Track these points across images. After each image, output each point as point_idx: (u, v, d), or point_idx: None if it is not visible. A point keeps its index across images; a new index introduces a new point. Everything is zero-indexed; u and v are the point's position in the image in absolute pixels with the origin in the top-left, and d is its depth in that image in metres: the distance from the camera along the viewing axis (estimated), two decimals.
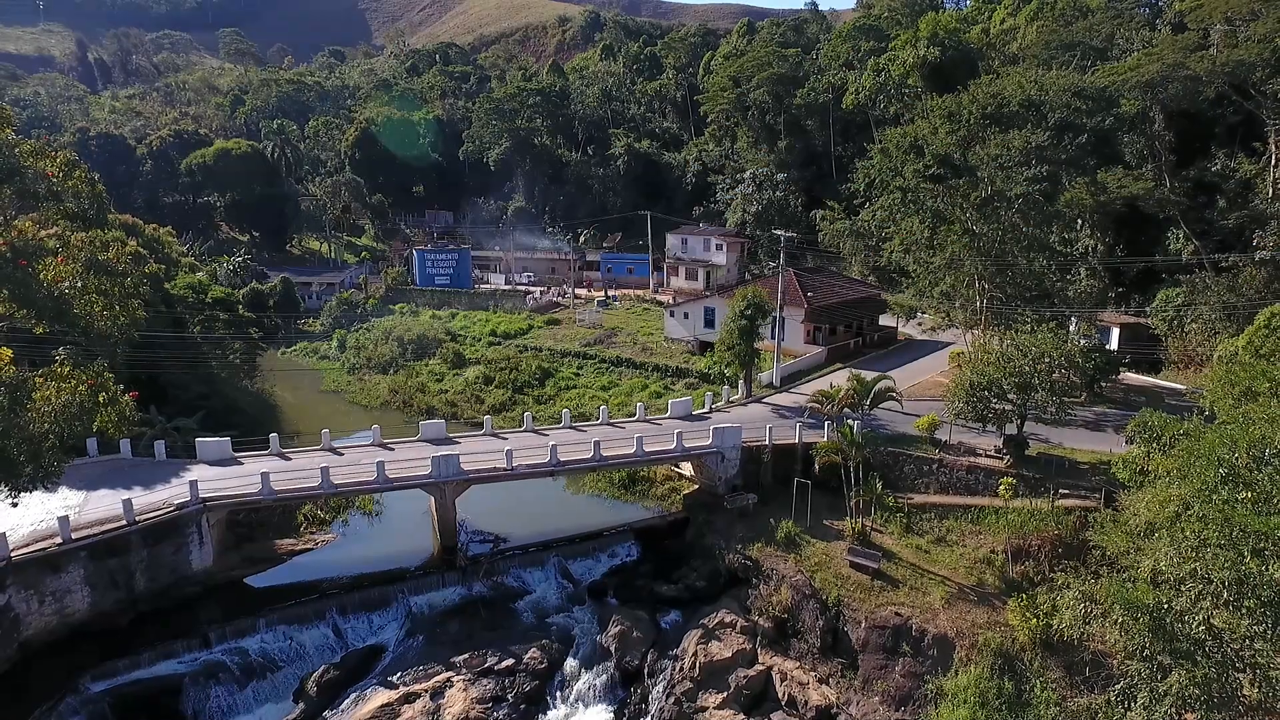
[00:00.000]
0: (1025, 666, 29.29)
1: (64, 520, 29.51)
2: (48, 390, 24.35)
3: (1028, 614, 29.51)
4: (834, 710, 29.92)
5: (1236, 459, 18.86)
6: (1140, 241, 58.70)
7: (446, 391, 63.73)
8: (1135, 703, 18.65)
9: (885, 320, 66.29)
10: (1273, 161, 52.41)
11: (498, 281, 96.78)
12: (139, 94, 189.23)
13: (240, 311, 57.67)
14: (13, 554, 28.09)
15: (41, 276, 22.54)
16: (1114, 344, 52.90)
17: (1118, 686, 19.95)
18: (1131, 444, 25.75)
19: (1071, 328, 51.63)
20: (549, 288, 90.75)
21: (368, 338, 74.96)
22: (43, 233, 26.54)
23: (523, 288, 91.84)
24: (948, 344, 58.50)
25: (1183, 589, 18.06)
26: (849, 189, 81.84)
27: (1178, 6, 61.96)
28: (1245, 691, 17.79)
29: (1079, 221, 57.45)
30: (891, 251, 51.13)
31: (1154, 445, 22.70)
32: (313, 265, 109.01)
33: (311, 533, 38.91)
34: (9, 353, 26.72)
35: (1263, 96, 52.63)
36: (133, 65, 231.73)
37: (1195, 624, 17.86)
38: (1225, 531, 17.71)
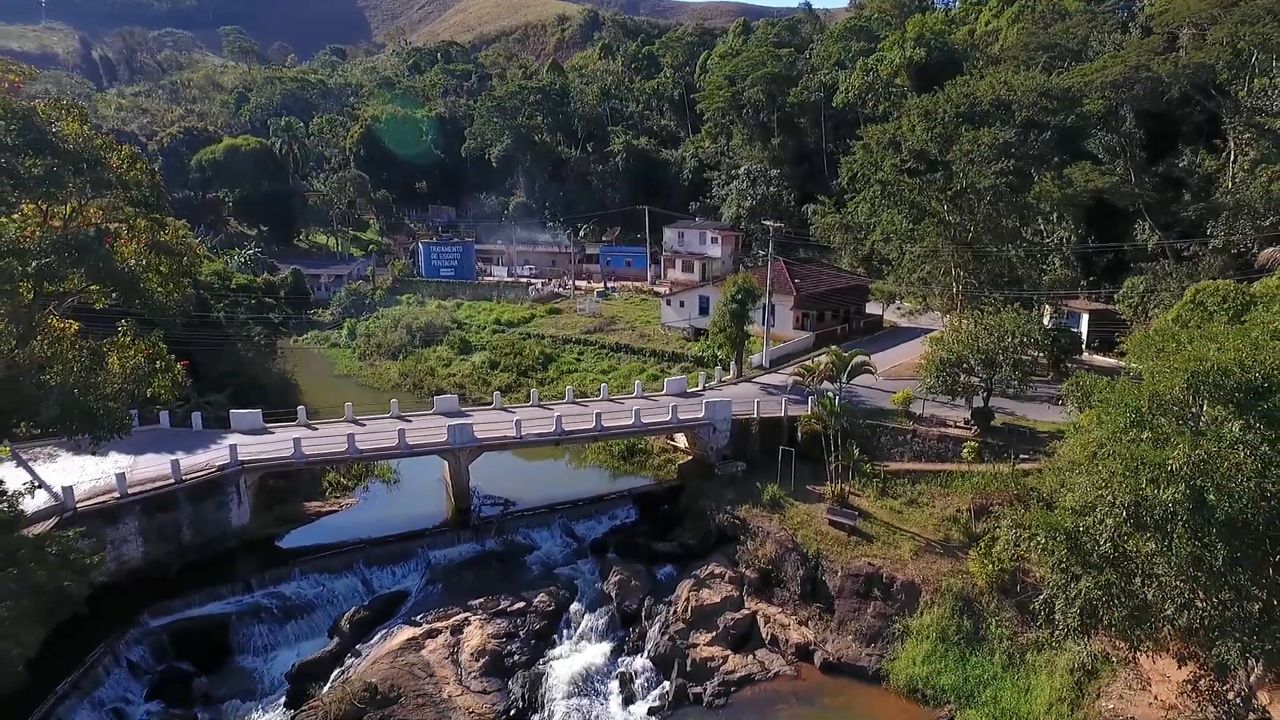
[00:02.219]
0: (982, 608, 32.75)
1: (121, 476, 32.85)
2: (116, 356, 27.80)
3: (985, 561, 32.95)
4: (812, 647, 33.36)
5: (1141, 406, 22.29)
6: (1111, 233, 62.12)
7: (454, 375, 67.12)
8: (1054, 608, 22.09)
9: (872, 308, 69.78)
10: (1232, 158, 55.83)
11: (500, 274, 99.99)
12: (145, 91, 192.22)
13: (262, 298, 60.84)
14: (78, 505, 31.41)
15: (116, 254, 25.83)
16: (1084, 329, 56.37)
17: (1041, 597, 23.40)
18: (1066, 403, 29.16)
19: (1046, 313, 55.28)
20: (550, 280, 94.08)
21: (377, 326, 78.28)
22: (99, 215, 29.90)
23: (524, 280, 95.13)
24: (929, 329, 61.88)
25: (1093, 513, 21.47)
26: (839, 184, 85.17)
27: (1148, 10, 65.39)
28: (1144, 595, 21.24)
29: (1055, 214, 60.93)
30: (874, 241, 54.47)
31: (1084, 401, 26.14)
32: (320, 259, 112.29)
33: (336, 497, 42.31)
34: (76, 325, 30.27)
35: (1223, 97, 56.07)
36: (137, 63, 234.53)
37: (1103, 541, 21.27)
38: (1129, 464, 21.13)
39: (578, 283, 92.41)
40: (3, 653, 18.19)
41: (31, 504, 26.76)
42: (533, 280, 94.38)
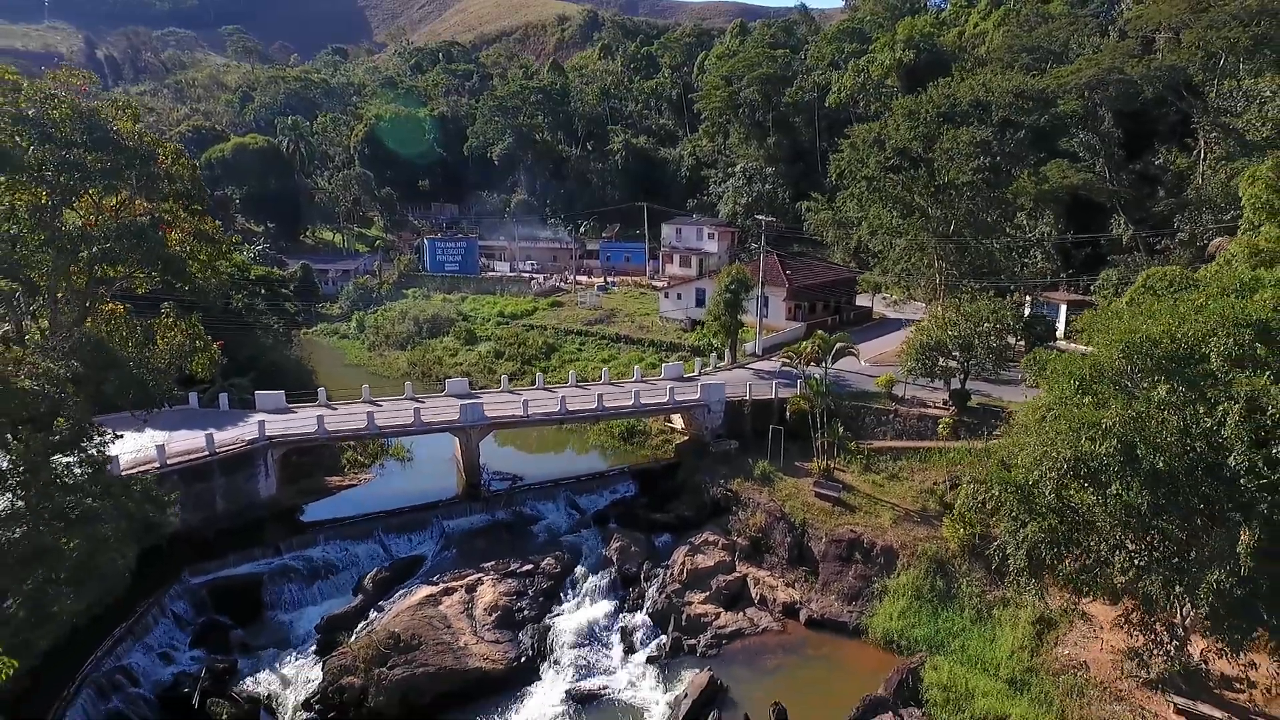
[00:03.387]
0: (954, 569, 35.61)
1: (160, 448, 35.55)
2: (161, 336, 30.60)
3: (957, 526, 35.80)
4: (798, 606, 36.19)
5: (1084, 375, 25.15)
6: (1090, 227, 64.99)
7: (461, 364, 69.87)
8: (1006, 551, 24.93)
9: (862, 301, 72.66)
10: (1202, 156, 58.70)
11: (503, 269, 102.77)
12: (150, 91, 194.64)
13: (278, 289, 63.63)
14: (123, 473, 34.13)
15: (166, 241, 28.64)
16: (1062, 318, 59.21)
17: (995, 544, 26.24)
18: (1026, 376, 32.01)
19: (1027, 304, 58.14)
20: (551, 275, 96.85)
21: (385, 318, 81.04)
22: (143, 206, 32.70)
23: (526, 275, 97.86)
24: (915, 320, 64.66)
25: (1039, 467, 24.30)
26: (831, 182, 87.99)
27: (1126, 15, 68.26)
28: (1084, 540, 24.10)
29: (1036, 209, 63.74)
30: (859, 235, 57.31)
31: (1039, 373, 28.99)
32: (326, 254, 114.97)
33: (354, 473, 45.10)
34: (124, 307, 33.12)
35: (1194, 97, 58.93)
36: (142, 63, 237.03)
37: (1048, 492, 24.13)
38: (1071, 425, 23.99)
39: (578, 278, 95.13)
40: (113, 563, 21.13)
41: None
42: (535, 275, 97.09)
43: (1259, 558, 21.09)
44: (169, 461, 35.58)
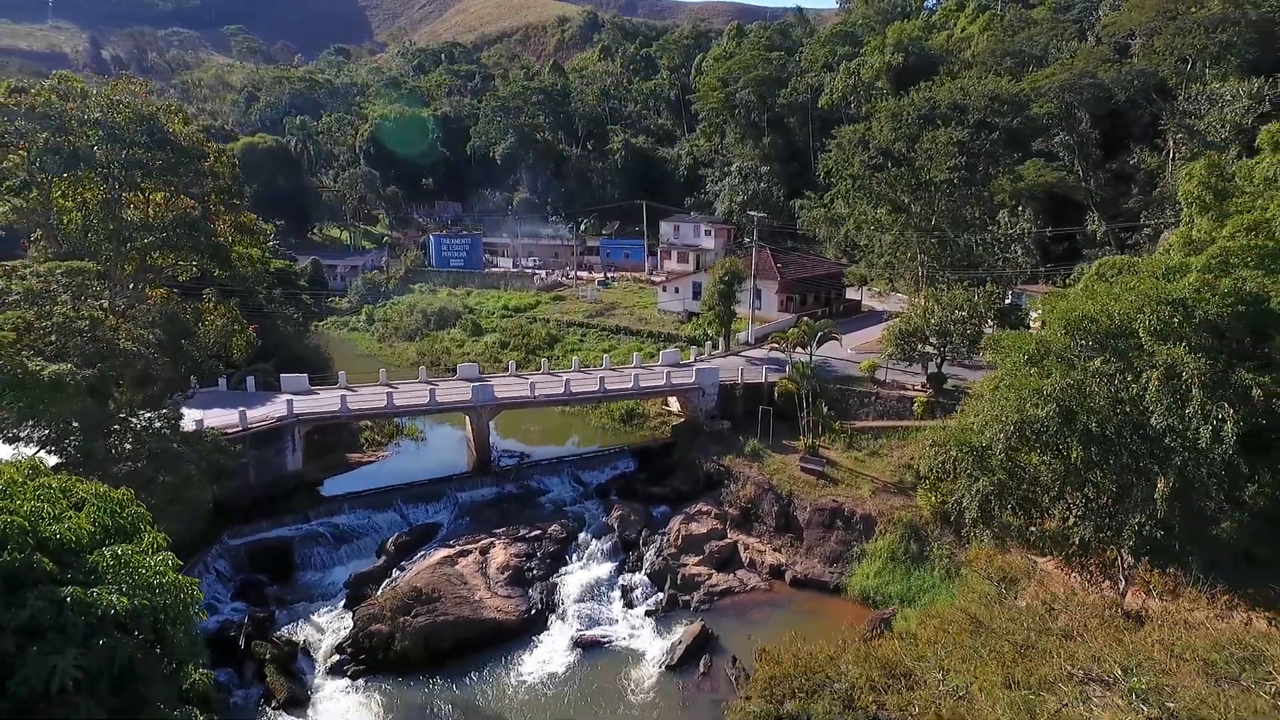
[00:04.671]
0: (927, 534, 38.91)
1: (199, 423, 38.60)
2: (205, 319, 33.86)
3: (930, 496, 39.07)
4: (783, 568, 39.48)
5: (1032, 349, 28.42)
6: (1068, 224, 68.30)
7: (468, 354, 72.98)
8: (962, 505, 28.20)
9: (851, 294, 75.98)
10: (1170, 156, 61.99)
11: (506, 265, 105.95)
12: (157, 91, 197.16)
13: (295, 281, 66.80)
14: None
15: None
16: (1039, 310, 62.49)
17: (954, 498, 29.51)
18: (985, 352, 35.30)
19: (1008, 296, 61.39)
20: (553, 270, 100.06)
21: (394, 311, 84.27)
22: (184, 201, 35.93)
23: (529, 271, 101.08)
24: (901, 312, 68.07)
25: (991, 430, 27.54)
26: (822, 180, 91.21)
27: (1103, 21, 71.59)
28: (1029, 493, 27.38)
29: (1018, 206, 67.01)
30: (846, 231, 60.58)
31: (998, 351, 32.23)
32: (334, 251, 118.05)
33: (373, 450, 48.35)
34: (168, 292, 36.32)
35: (1163, 100, 62.22)
36: (148, 63, 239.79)
37: (999, 451, 27.38)
38: (1018, 392, 27.24)
39: (579, 273, 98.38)
40: (198, 497, 24.42)
41: None
42: (537, 271, 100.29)
43: (1173, 503, 24.37)
44: None
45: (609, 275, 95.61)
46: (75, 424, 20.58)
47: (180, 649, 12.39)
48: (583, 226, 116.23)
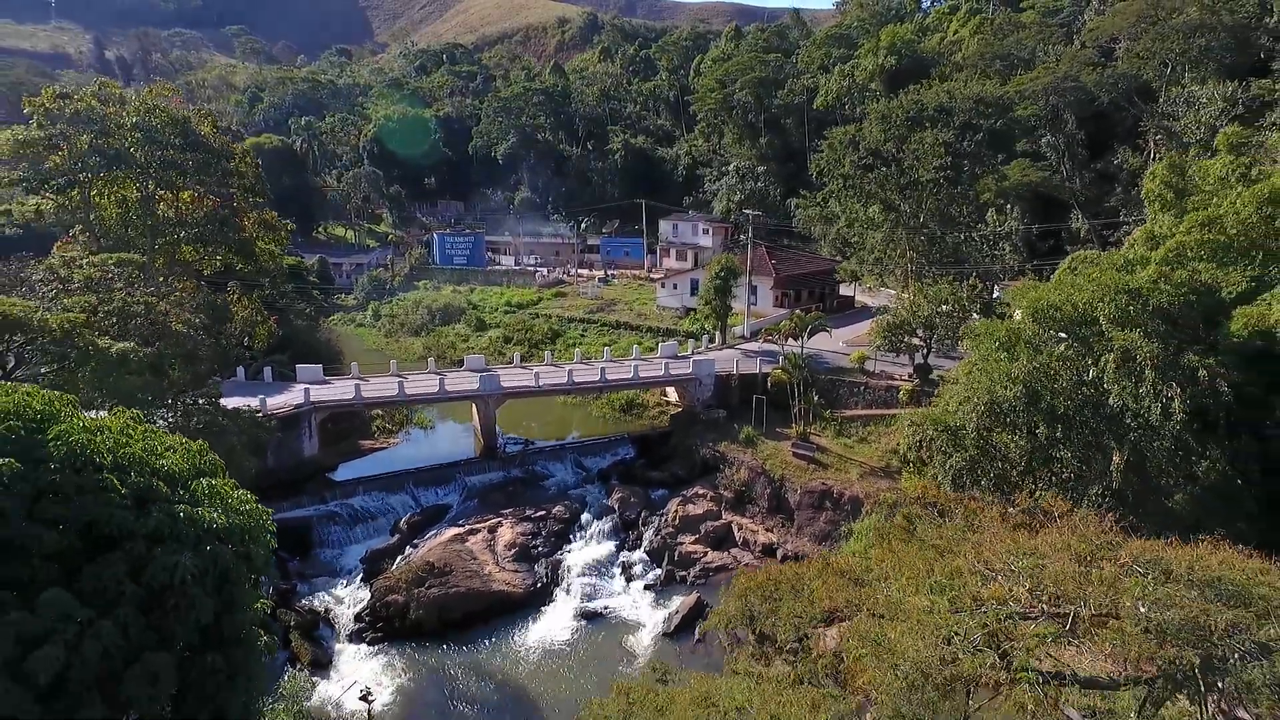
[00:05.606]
0: (911, 514, 41.08)
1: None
2: (233, 307, 36.06)
3: (914, 478, 41.28)
4: (775, 546, 41.71)
5: (1003, 336, 30.67)
6: (1053, 222, 70.53)
7: (472, 348, 74.97)
8: (936, 478, 30.45)
9: (846, 291, 78.19)
10: (1151, 156, 64.23)
11: (508, 263, 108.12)
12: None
13: (307, 277, 69.03)
14: None
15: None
16: None
17: (929, 473, 31.76)
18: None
19: (998, 290, 63.64)
20: (554, 268, 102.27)
21: (400, 307, 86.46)
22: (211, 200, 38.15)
23: (531, 268, 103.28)
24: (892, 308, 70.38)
25: (963, 411, 29.81)
26: (814, 180, 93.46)
27: (1088, 25, 73.85)
28: (999, 468, 29.62)
29: (1007, 205, 69.22)
30: (839, 229, 62.82)
31: (973, 338, 34.49)
32: (339, 249, 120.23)
33: (384, 437, 50.57)
34: (192, 284, 38.51)
35: (1144, 102, 64.48)
36: (152, 63, 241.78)
37: (970, 430, 29.64)
38: (989, 375, 29.51)
39: (580, 271, 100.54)
40: (242, 465, 26.68)
41: None
42: (538, 268, 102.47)
43: (1128, 475, 26.62)
44: None
45: (609, 273, 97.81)
46: (138, 395, 22.71)
47: (259, 562, 14.64)
48: (583, 225, 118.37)
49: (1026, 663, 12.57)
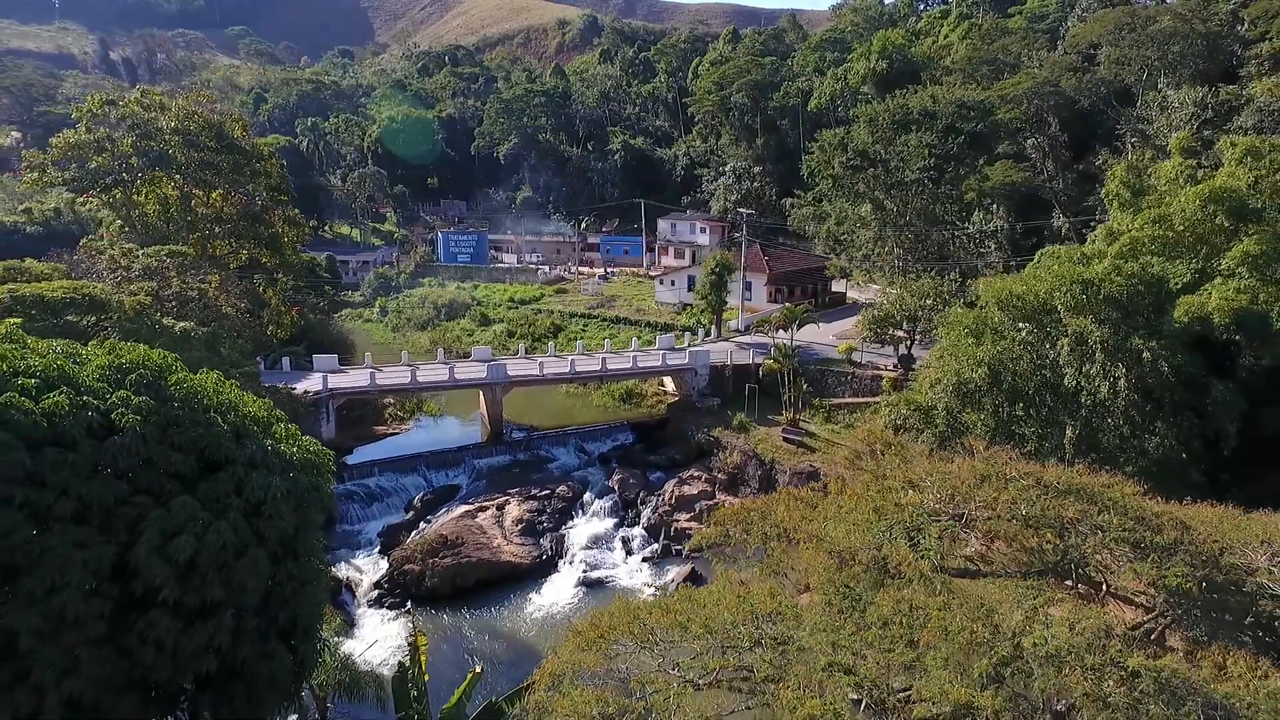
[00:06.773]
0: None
1: None
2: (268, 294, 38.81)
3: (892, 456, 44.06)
4: None
5: (971, 324, 33.47)
6: (1035, 220, 73.28)
7: (478, 342, 77.74)
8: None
9: (838, 287, 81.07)
10: (1129, 158, 66.94)
11: (510, 261, 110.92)
12: (168, 92, 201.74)
13: (320, 273, 71.80)
14: None
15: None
16: None
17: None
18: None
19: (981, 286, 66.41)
20: (555, 266, 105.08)
21: (406, 303, 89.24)
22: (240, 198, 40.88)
23: (533, 266, 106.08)
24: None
25: (935, 391, 32.61)
26: (810, 180, 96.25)
27: (1070, 32, 76.65)
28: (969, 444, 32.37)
29: (993, 204, 72.03)
30: (828, 227, 65.67)
31: (946, 326, 37.29)
32: (345, 247, 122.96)
33: (396, 424, 53.35)
34: (220, 276, 41.24)
35: (1121, 106, 67.25)
36: (157, 64, 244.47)
37: (940, 408, 32.44)
38: (957, 359, 32.31)
39: (580, 268, 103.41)
40: None
41: None
42: (540, 266, 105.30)
43: (1080, 446, 29.41)
44: None
45: (609, 270, 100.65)
46: (201, 369, 25.38)
47: (325, 496, 17.40)
48: (584, 224, 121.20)
49: (930, 547, 15.71)
